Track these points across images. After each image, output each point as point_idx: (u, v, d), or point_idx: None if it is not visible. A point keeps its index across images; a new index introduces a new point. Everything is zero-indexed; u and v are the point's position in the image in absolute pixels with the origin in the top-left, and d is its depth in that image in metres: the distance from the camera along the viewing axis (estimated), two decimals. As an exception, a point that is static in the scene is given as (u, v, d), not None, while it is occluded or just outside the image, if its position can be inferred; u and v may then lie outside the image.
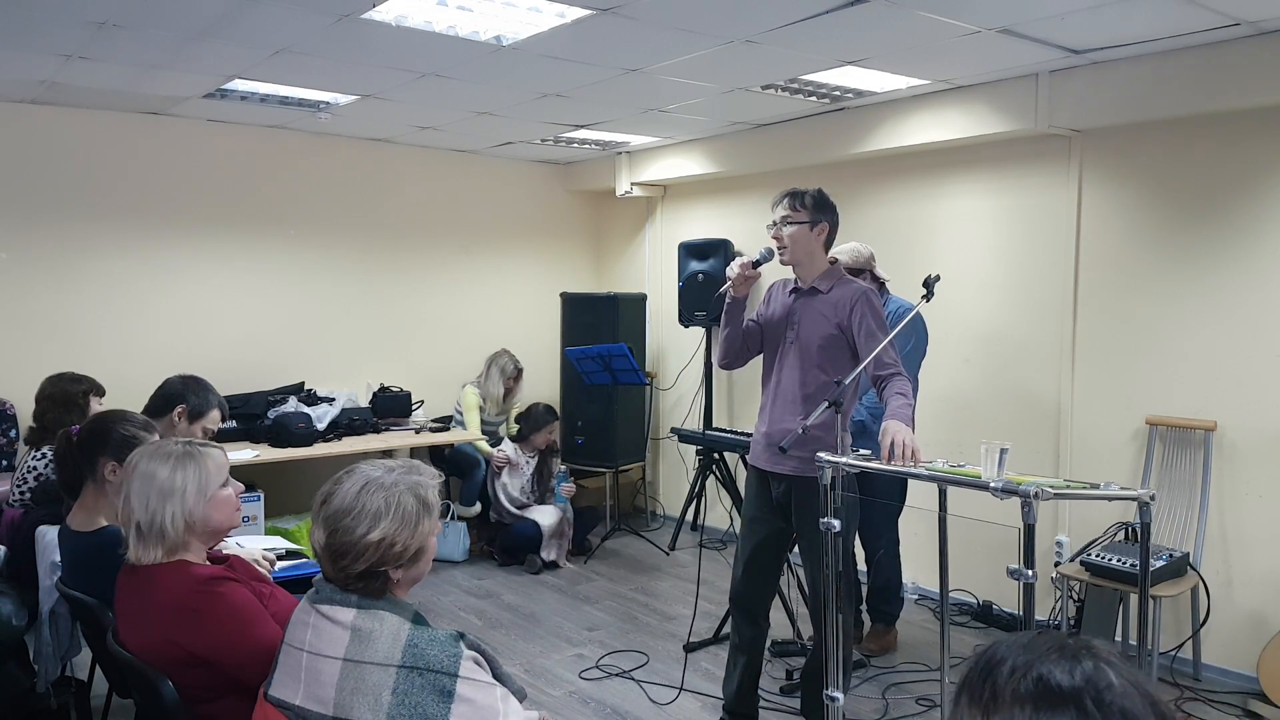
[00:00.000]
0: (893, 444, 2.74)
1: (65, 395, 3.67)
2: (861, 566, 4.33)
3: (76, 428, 2.65)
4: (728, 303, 3.19)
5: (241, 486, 2.25)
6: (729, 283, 3.13)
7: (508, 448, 5.66)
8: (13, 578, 3.06)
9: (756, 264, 3.12)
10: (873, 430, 3.50)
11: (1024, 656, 0.93)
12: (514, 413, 6.00)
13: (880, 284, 4.09)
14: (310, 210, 5.73)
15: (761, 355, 3.35)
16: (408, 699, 1.56)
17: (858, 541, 4.25)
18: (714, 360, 3.39)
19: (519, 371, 5.95)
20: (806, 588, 3.28)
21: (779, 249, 3.18)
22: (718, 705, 3.51)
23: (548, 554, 5.44)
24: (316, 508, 1.71)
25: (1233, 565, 3.87)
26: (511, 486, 5.63)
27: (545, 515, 5.51)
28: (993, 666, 0.94)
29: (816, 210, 3.15)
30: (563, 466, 5.91)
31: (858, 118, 4.79)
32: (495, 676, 1.69)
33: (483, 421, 5.90)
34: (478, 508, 5.75)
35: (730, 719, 3.38)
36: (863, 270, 3.99)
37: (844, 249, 4.01)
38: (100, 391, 3.77)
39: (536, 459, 5.76)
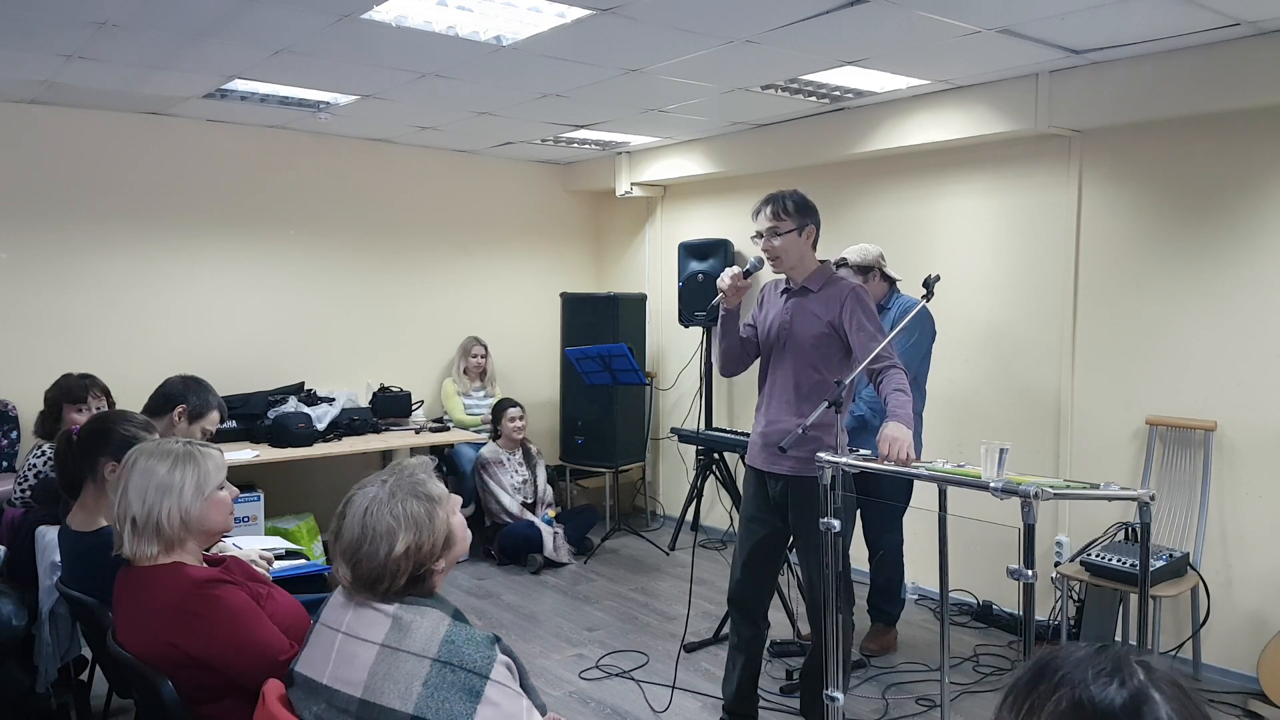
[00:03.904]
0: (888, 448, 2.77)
1: (50, 400, 3.68)
2: (863, 566, 4.33)
3: (76, 428, 2.65)
4: (722, 314, 3.18)
5: (237, 490, 2.26)
6: (721, 295, 3.12)
7: (488, 450, 5.68)
8: (13, 578, 3.07)
9: (747, 274, 3.11)
10: (874, 426, 3.50)
11: (1075, 673, 0.88)
12: (499, 396, 6.06)
13: (891, 283, 4.10)
14: (310, 210, 5.73)
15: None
16: (437, 693, 1.57)
17: (857, 541, 4.26)
18: (715, 369, 3.38)
19: (477, 343, 6.14)
20: (804, 588, 3.28)
21: (770, 260, 3.18)
22: (717, 705, 3.51)
23: (553, 554, 5.45)
24: (330, 545, 1.73)
25: (1233, 565, 3.87)
26: (504, 490, 5.62)
27: (541, 526, 5.54)
28: (1042, 677, 0.90)
29: (801, 214, 3.14)
30: (549, 489, 5.91)
31: (858, 118, 4.79)
32: (521, 685, 1.70)
33: (469, 409, 6.04)
34: (471, 508, 5.76)
35: (730, 719, 3.38)
36: (870, 268, 4.00)
37: (852, 249, 4.04)
38: (74, 398, 3.64)
39: (520, 454, 5.76)
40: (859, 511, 4.11)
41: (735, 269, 3.11)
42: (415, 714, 1.55)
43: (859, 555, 4.28)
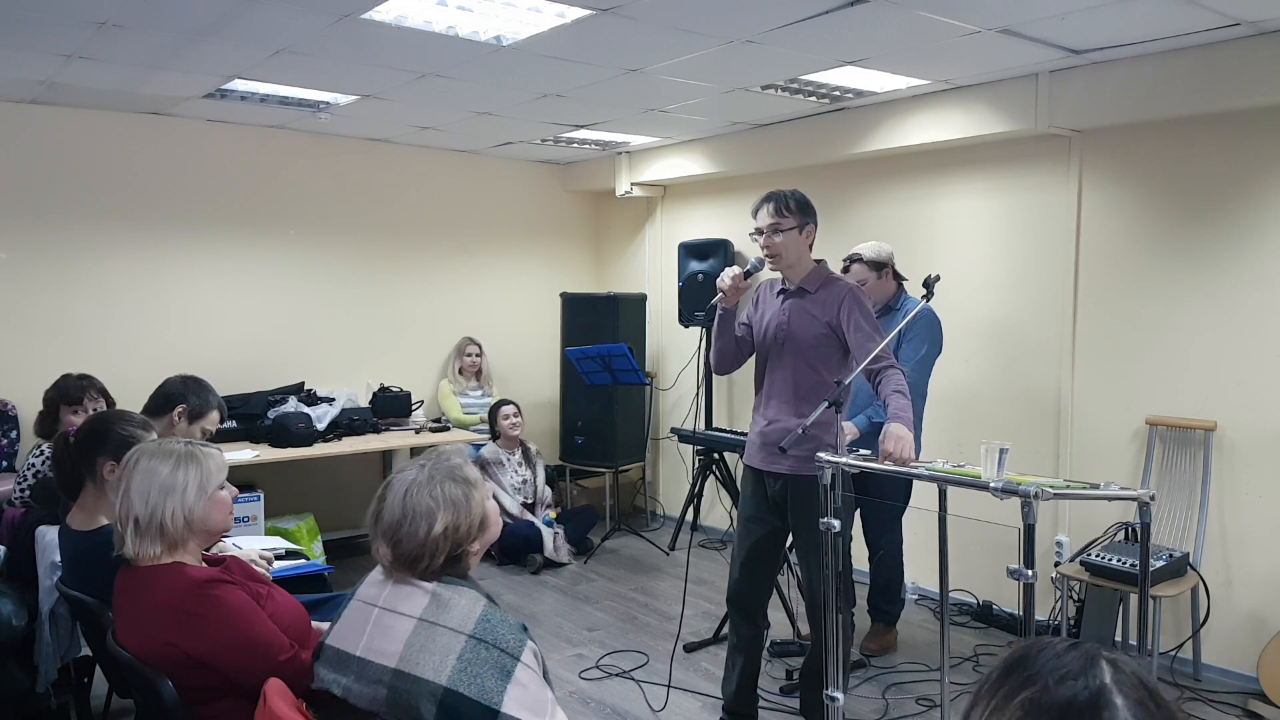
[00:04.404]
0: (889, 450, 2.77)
1: (48, 401, 3.68)
2: (863, 566, 4.33)
3: (74, 429, 2.65)
4: (720, 314, 3.18)
5: (237, 490, 2.26)
6: (720, 294, 3.11)
7: (488, 450, 5.68)
8: (13, 577, 3.07)
9: (747, 274, 3.11)
10: None
11: (1041, 671, 0.90)
12: (497, 396, 6.06)
13: (900, 284, 4.10)
14: (310, 210, 5.73)
15: (753, 356, 3.35)
16: (471, 668, 1.61)
17: (857, 540, 4.26)
18: (711, 367, 3.38)
19: (471, 343, 6.21)
20: (804, 587, 3.28)
21: (769, 257, 3.17)
22: (717, 705, 3.51)
23: (553, 554, 5.45)
24: (371, 527, 1.78)
25: (1233, 565, 3.87)
26: (504, 490, 5.61)
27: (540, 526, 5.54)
28: (1010, 674, 0.91)
29: (803, 213, 3.15)
30: (549, 490, 5.91)
31: (858, 118, 4.79)
32: (543, 677, 1.73)
33: (466, 408, 6.07)
34: None
35: (730, 719, 3.38)
36: (885, 264, 4.02)
37: (864, 245, 4.05)
38: (70, 400, 3.66)
39: (520, 454, 5.77)
40: (859, 511, 4.11)
41: (735, 269, 3.10)
42: (449, 686, 1.59)
43: (859, 555, 4.28)
